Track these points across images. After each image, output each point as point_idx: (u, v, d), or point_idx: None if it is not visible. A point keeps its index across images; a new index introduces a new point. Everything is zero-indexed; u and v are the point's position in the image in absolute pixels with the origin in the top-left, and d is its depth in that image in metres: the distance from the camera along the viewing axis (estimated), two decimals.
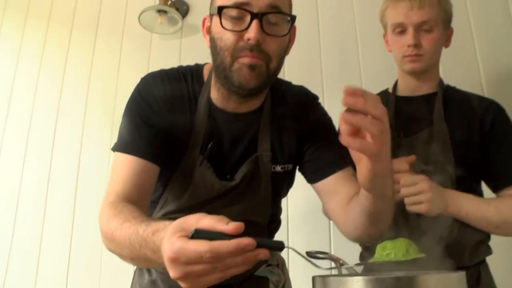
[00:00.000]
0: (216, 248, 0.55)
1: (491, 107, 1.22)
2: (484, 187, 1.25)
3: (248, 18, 0.87)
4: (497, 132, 1.18)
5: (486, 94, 1.75)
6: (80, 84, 2.08)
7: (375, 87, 1.44)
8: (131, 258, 0.76)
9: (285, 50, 0.95)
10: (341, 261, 0.79)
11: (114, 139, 2.07)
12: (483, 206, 1.11)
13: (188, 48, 2.05)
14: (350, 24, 1.93)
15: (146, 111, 0.95)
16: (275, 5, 0.88)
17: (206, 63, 1.06)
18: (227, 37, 0.88)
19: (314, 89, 1.79)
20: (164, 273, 1.02)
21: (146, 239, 0.68)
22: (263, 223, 1.07)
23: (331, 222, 1.57)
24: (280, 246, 0.60)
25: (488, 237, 1.19)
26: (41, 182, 1.97)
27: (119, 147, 0.95)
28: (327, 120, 1.08)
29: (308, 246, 1.64)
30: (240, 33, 0.88)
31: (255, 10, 0.86)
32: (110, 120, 1.98)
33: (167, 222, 0.66)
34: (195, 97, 0.99)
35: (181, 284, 0.59)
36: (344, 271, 0.80)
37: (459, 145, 1.16)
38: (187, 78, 1.01)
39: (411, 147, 1.18)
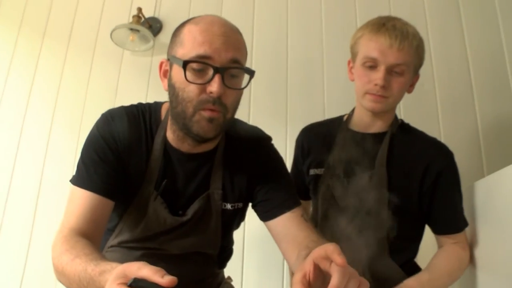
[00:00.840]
0: None
1: (439, 157, 1.18)
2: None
3: (211, 71, 0.91)
4: (441, 183, 1.16)
5: (442, 132, 1.84)
6: (48, 95, 2.07)
7: (337, 107, 1.48)
8: None
9: (239, 100, 0.99)
10: None
11: (79, 153, 2.08)
12: (437, 279, 1.14)
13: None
14: (318, 50, 1.99)
15: (104, 149, 0.98)
16: (236, 60, 0.93)
17: (165, 102, 1.10)
18: (190, 89, 0.92)
19: (278, 116, 1.89)
20: None
21: (94, 278, 0.72)
22: (214, 254, 1.12)
23: None
24: None
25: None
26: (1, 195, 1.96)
27: (75, 181, 0.98)
28: (279, 161, 1.13)
29: (262, 272, 1.70)
30: (203, 86, 0.91)
31: (217, 65, 0.90)
32: (77, 132, 1.99)
33: (114, 265, 0.70)
34: (151, 136, 1.03)
35: None
36: None
37: (397, 193, 1.13)
38: (145, 116, 1.04)
39: (347, 188, 1.18)
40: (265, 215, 1.06)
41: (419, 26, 1.88)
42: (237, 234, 1.21)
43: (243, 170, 1.07)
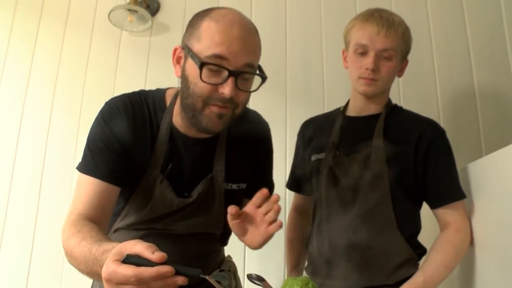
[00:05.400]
0: (140, 274, 0.65)
1: (429, 129, 1.25)
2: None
3: (225, 74, 0.94)
4: (432, 154, 1.22)
5: (441, 113, 1.85)
6: (47, 78, 2.06)
7: (336, 102, 1.50)
8: (87, 273, 0.85)
9: (250, 96, 1.03)
10: None
11: (80, 133, 2.10)
12: (434, 275, 1.16)
13: (157, 46, 2.06)
14: (317, 38, 1.98)
15: (109, 137, 1.01)
16: (251, 64, 0.96)
17: (168, 88, 1.13)
18: (202, 86, 0.95)
19: (278, 99, 1.89)
20: None
21: (97, 257, 0.77)
22: (216, 234, 1.17)
23: None
24: (196, 274, 0.69)
25: (418, 255, 1.25)
26: (5, 180, 1.97)
27: (82, 169, 1.02)
28: (272, 147, 1.25)
29: (264, 258, 1.73)
30: (216, 86, 0.95)
31: (232, 68, 0.93)
32: (77, 113, 2.00)
33: (115, 244, 0.75)
34: (157, 122, 1.06)
35: None
36: None
37: (394, 166, 1.20)
38: (149, 103, 1.08)
39: (348, 166, 1.24)
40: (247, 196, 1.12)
41: (419, 4, 1.92)
42: None
43: (246, 152, 1.14)
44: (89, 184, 0.98)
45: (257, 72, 1.00)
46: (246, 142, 1.14)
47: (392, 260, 1.19)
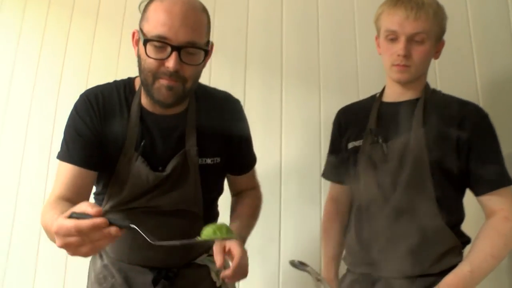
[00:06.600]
0: (78, 224, 0.77)
1: (472, 112, 1.21)
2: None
3: (169, 49, 1.03)
4: (476, 138, 1.18)
5: (481, 98, 1.78)
6: (79, 72, 2.09)
7: (371, 90, 1.47)
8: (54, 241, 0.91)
9: (201, 71, 1.13)
10: (318, 277, 0.84)
11: None
12: (481, 266, 1.11)
13: None
14: (349, 25, 1.92)
15: (80, 126, 1.13)
16: (192, 41, 1.05)
17: (137, 76, 1.20)
18: (150, 62, 1.05)
19: (310, 86, 1.86)
20: (112, 257, 1.23)
21: (56, 219, 0.84)
22: (199, 213, 1.21)
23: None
24: (126, 224, 0.79)
25: (463, 243, 1.21)
26: (41, 170, 2.01)
27: (58, 156, 1.15)
28: (246, 123, 1.31)
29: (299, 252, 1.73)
30: (162, 60, 1.04)
31: (174, 44, 1.03)
32: None
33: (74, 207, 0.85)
34: (127, 105, 1.17)
35: (67, 252, 0.81)
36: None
37: (436, 152, 1.17)
38: (119, 89, 1.19)
39: (387, 153, 1.22)
40: (229, 170, 1.30)
41: None
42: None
43: (216, 127, 1.21)
44: (65, 170, 1.11)
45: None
46: (216, 117, 1.22)
47: (436, 249, 1.16)
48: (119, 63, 2.08)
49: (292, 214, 1.78)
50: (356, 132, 1.32)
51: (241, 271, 1.04)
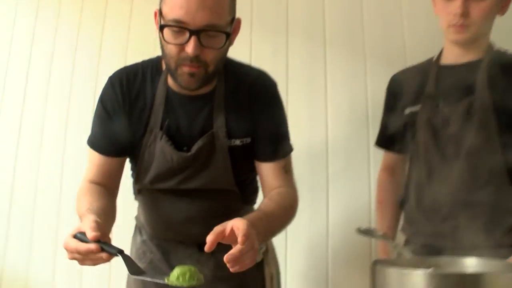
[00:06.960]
0: (77, 248, 0.87)
1: None
2: None
3: (188, 33, 0.99)
4: None
5: None
6: (117, 53, 2.07)
7: (420, 55, 1.39)
8: None
9: (224, 54, 1.08)
10: (394, 244, 0.81)
11: None
12: None
13: None
14: None
15: (103, 113, 1.15)
16: (211, 24, 0.99)
17: None
18: (170, 47, 1.02)
19: (355, 55, 1.79)
20: (150, 233, 1.26)
21: (65, 238, 0.93)
22: (235, 190, 1.18)
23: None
24: (114, 251, 0.86)
25: None
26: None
27: (87, 141, 1.19)
28: (280, 108, 1.20)
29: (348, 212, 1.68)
30: (181, 45, 1.00)
31: (192, 28, 0.98)
32: None
33: (84, 219, 0.94)
34: (153, 85, 1.15)
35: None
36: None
37: (503, 113, 1.11)
38: (146, 70, 1.16)
39: (450, 117, 1.15)
40: (254, 155, 1.18)
41: None
42: None
43: (245, 106, 1.15)
44: (93, 156, 1.17)
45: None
46: (245, 96, 1.15)
47: (508, 217, 1.09)
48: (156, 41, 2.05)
49: (339, 188, 1.73)
50: (413, 97, 1.26)
51: (246, 256, 0.87)
